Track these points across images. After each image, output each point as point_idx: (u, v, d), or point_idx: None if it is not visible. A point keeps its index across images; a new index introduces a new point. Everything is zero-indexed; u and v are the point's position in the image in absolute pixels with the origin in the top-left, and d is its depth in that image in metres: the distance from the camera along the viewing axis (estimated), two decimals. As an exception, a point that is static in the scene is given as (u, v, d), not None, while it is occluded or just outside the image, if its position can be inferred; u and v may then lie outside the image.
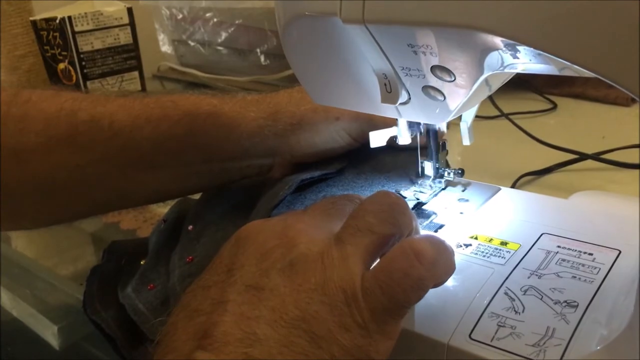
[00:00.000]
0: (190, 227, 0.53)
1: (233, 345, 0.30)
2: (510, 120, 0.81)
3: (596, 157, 0.72)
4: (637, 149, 0.70)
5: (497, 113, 0.83)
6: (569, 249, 0.44)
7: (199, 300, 0.34)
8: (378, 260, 0.35)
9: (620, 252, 0.43)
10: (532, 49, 0.31)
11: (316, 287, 0.33)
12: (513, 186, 0.68)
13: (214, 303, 0.33)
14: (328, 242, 0.35)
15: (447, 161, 0.54)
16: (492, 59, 0.36)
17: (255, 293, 0.33)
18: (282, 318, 0.31)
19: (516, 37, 0.31)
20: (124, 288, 0.50)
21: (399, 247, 0.34)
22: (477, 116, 0.50)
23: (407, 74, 0.39)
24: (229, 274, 0.35)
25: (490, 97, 0.78)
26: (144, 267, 0.51)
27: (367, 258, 0.35)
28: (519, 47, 0.33)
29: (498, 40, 0.33)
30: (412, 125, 0.49)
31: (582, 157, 0.72)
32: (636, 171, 0.68)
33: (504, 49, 0.34)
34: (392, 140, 0.50)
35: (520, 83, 0.96)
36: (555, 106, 0.92)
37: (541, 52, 0.30)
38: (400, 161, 0.55)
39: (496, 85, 0.44)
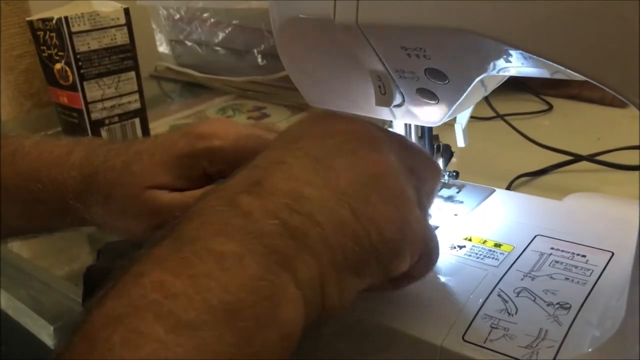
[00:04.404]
0: None
1: (277, 196, 0.32)
2: (506, 121, 0.81)
3: (591, 158, 0.72)
4: (632, 150, 0.71)
5: (492, 114, 0.83)
6: (562, 250, 0.44)
7: (259, 159, 0.36)
8: None
9: (613, 254, 0.43)
10: (523, 52, 0.31)
11: (376, 176, 0.34)
12: (508, 187, 0.68)
13: (271, 162, 0.35)
14: (395, 158, 0.36)
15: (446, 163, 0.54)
16: (485, 62, 0.36)
17: (312, 162, 0.34)
18: (332, 189, 0.33)
19: (508, 41, 0.31)
20: None
21: None
22: (472, 117, 0.50)
23: (401, 76, 0.40)
24: (294, 142, 0.36)
25: (485, 98, 0.78)
26: None
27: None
28: (511, 51, 0.34)
29: (490, 44, 0.33)
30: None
31: (577, 158, 0.72)
32: (630, 172, 0.68)
33: (496, 52, 0.35)
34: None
35: (517, 84, 0.96)
36: (550, 107, 0.92)
37: (532, 56, 0.31)
38: None
39: (491, 86, 0.45)
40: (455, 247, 0.46)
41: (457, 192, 0.53)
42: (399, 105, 0.42)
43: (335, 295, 0.32)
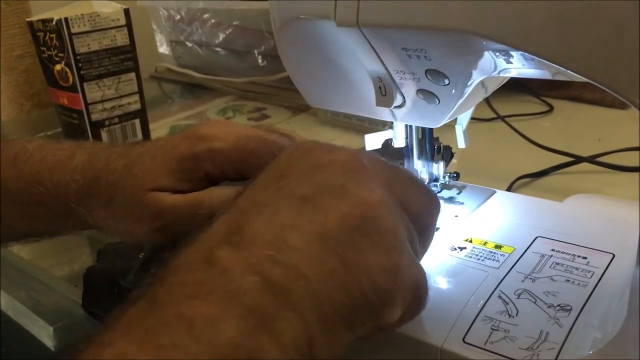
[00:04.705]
0: None
1: (258, 246, 0.29)
2: (507, 122, 0.81)
3: (592, 160, 0.72)
4: (632, 152, 0.70)
5: (493, 115, 0.83)
6: (563, 252, 0.44)
7: (242, 200, 0.33)
8: None
9: (614, 255, 0.43)
10: (524, 53, 0.31)
11: (367, 219, 0.31)
12: (509, 189, 0.68)
13: (253, 203, 0.32)
14: (386, 194, 0.33)
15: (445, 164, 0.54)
16: (486, 63, 0.36)
17: (298, 202, 0.31)
18: (319, 233, 0.30)
19: (509, 42, 0.31)
20: (124, 277, 0.50)
21: None
22: (473, 118, 0.50)
23: (401, 77, 0.40)
24: (279, 179, 0.34)
25: (486, 100, 0.78)
26: (144, 258, 0.51)
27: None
28: (512, 52, 0.34)
29: (491, 45, 0.33)
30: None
31: (578, 159, 0.72)
32: (631, 174, 0.68)
33: (497, 53, 0.35)
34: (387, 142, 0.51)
35: (517, 86, 0.96)
36: (551, 109, 0.92)
37: (534, 57, 0.31)
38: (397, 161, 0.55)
39: (492, 88, 0.44)
40: (455, 249, 0.45)
41: (458, 194, 0.53)
42: (399, 106, 0.42)
43: (324, 353, 0.29)
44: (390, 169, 0.36)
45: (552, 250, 0.44)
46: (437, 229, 0.48)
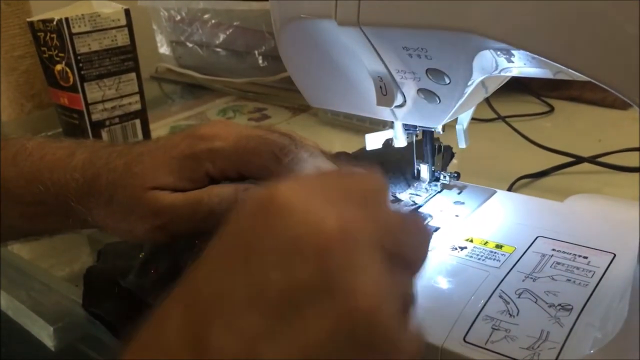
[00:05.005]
0: None
1: None
2: (507, 123, 0.81)
3: (592, 160, 0.72)
4: (633, 152, 0.71)
5: (494, 116, 0.83)
6: (564, 252, 0.44)
7: (198, 276, 0.28)
8: None
9: (615, 255, 0.43)
10: (526, 52, 0.31)
11: (355, 329, 0.26)
12: (509, 189, 0.67)
13: (217, 294, 0.26)
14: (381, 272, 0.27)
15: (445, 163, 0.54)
16: (487, 62, 0.36)
17: (271, 306, 0.26)
18: (299, 351, 0.25)
19: (510, 41, 0.31)
20: (124, 277, 0.50)
21: None
22: (473, 119, 0.50)
23: (402, 77, 0.40)
24: (244, 259, 0.27)
25: (487, 100, 0.78)
26: (144, 258, 0.51)
27: None
28: (513, 51, 0.34)
29: (492, 44, 0.33)
30: (407, 128, 0.49)
31: (579, 160, 0.72)
32: (631, 174, 0.68)
33: (498, 52, 0.35)
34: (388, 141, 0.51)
35: (518, 86, 0.96)
36: (552, 109, 0.92)
37: (535, 56, 0.31)
38: (398, 161, 0.55)
39: (492, 88, 0.44)
40: (456, 249, 0.45)
41: (459, 194, 0.53)
42: (400, 106, 0.42)
43: None
44: (382, 220, 0.29)
45: (553, 250, 0.44)
46: (437, 228, 0.48)
